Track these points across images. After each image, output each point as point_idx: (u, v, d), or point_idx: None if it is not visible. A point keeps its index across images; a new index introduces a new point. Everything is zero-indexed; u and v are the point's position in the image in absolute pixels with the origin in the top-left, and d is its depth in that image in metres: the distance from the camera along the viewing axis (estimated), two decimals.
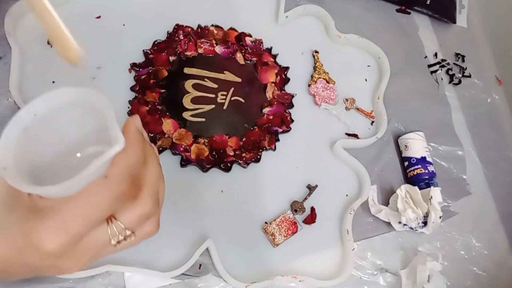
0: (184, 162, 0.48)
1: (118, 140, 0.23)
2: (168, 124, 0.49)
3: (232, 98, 0.52)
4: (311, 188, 0.51)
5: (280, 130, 0.53)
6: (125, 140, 0.24)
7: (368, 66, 0.62)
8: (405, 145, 0.56)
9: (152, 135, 0.48)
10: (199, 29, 0.55)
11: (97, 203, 0.23)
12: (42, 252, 0.22)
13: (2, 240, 0.22)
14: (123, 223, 0.24)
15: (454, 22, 0.72)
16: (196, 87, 0.52)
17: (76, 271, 0.25)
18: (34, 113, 0.25)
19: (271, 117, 0.53)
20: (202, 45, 0.54)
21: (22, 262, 0.23)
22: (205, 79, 0.52)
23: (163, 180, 0.29)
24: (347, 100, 0.58)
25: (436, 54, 0.68)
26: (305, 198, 0.50)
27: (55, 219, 0.22)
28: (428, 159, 0.55)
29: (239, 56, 0.55)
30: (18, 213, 0.23)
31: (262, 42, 0.57)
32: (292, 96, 0.55)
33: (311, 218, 0.49)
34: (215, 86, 0.52)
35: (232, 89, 0.53)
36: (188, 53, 0.53)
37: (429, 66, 0.66)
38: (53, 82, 0.47)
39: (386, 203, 0.53)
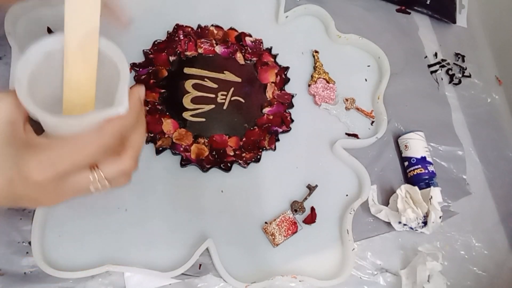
0: (184, 162, 0.48)
1: (123, 103, 0.25)
2: (168, 124, 0.49)
3: (232, 98, 0.53)
4: (311, 188, 0.51)
5: (280, 130, 0.53)
6: (128, 106, 0.26)
7: (368, 66, 0.62)
8: (405, 145, 0.56)
9: (152, 135, 0.48)
10: (199, 29, 0.55)
11: (86, 149, 0.26)
12: (30, 182, 0.25)
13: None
14: (104, 173, 0.28)
15: (454, 22, 0.72)
16: (196, 87, 0.52)
17: (50, 205, 0.28)
18: (58, 42, 0.27)
19: (271, 117, 0.53)
20: (202, 45, 0.54)
21: (10, 191, 0.26)
22: (205, 79, 0.53)
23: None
24: (347, 100, 0.58)
25: (436, 54, 0.68)
26: (305, 198, 0.50)
27: (45, 154, 0.25)
28: (428, 159, 0.55)
29: (239, 56, 0.55)
30: (13, 147, 0.25)
31: (262, 42, 0.57)
32: (292, 96, 0.55)
33: (311, 218, 0.49)
34: (215, 86, 0.52)
35: (232, 89, 0.53)
36: (188, 53, 0.53)
37: (429, 66, 0.66)
38: None
39: (386, 203, 0.53)
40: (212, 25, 0.55)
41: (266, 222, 0.48)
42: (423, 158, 0.54)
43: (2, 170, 0.25)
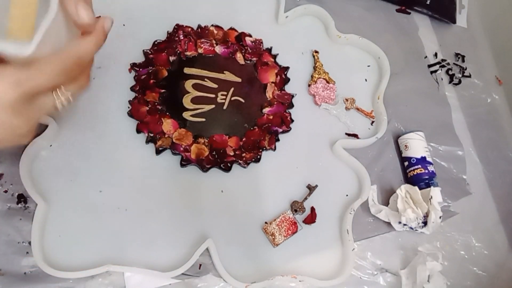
0: (184, 162, 0.48)
1: (53, 8, 0.25)
2: (168, 124, 0.49)
3: (232, 98, 0.53)
4: (311, 188, 0.51)
5: (280, 130, 0.53)
6: (57, 9, 0.26)
7: (368, 66, 0.62)
8: (405, 145, 0.56)
9: (152, 135, 0.48)
10: (199, 29, 0.55)
11: (50, 70, 0.27)
12: (2, 104, 0.26)
13: None
14: (68, 91, 0.30)
15: (454, 22, 0.72)
16: (196, 87, 0.52)
17: (25, 133, 0.29)
18: None
19: (271, 117, 0.53)
20: (202, 45, 0.54)
21: None
22: (205, 79, 0.53)
23: None
24: (347, 100, 0.58)
25: (436, 54, 0.68)
26: (305, 198, 0.50)
27: (11, 76, 0.26)
28: (428, 159, 0.55)
29: (239, 56, 0.55)
30: None
31: (262, 42, 0.57)
32: (292, 96, 0.55)
33: (311, 218, 0.49)
34: (215, 86, 0.52)
35: (232, 89, 0.53)
36: (188, 53, 0.53)
37: (429, 66, 0.66)
38: None
39: (386, 203, 0.53)
40: (212, 25, 0.55)
41: (266, 222, 0.48)
42: (423, 158, 0.54)
43: None
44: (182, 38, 0.53)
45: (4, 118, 0.27)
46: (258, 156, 0.50)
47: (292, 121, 0.54)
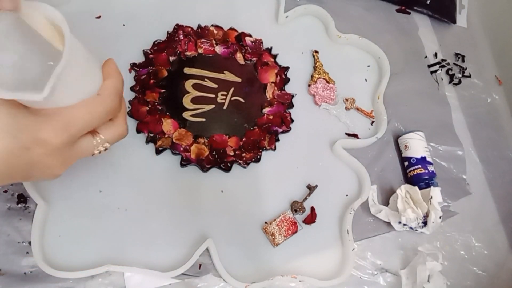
0: (184, 162, 0.48)
1: (64, 56, 0.26)
2: (168, 124, 0.49)
3: (232, 98, 0.53)
4: (311, 188, 0.51)
5: (280, 130, 0.53)
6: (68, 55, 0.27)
7: (368, 66, 0.62)
8: (405, 145, 0.56)
9: (152, 135, 0.48)
10: (199, 29, 0.55)
11: (91, 112, 0.30)
12: (47, 146, 0.28)
13: (13, 142, 0.27)
14: (105, 137, 0.32)
15: (454, 22, 0.72)
16: (196, 87, 0.52)
17: (59, 173, 0.31)
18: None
19: (271, 117, 0.53)
20: (202, 45, 0.54)
21: (25, 159, 0.28)
22: (205, 79, 0.53)
23: None
24: (347, 100, 0.58)
25: (436, 54, 0.68)
26: (305, 198, 0.50)
27: (59, 120, 0.28)
28: (428, 159, 0.55)
29: (239, 56, 0.55)
30: (20, 117, 0.27)
31: (262, 42, 0.57)
32: (292, 96, 0.55)
33: (311, 218, 0.49)
34: (215, 86, 0.52)
35: (232, 89, 0.53)
36: (188, 53, 0.53)
37: (429, 66, 0.66)
38: None
39: (386, 203, 0.53)
40: (212, 25, 0.55)
41: (266, 222, 0.48)
42: (423, 158, 0.54)
43: (18, 139, 0.27)
44: (182, 38, 0.53)
45: (47, 161, 0.29)
46: (258, 156, 0.50)
47: (292, 121, 0.54)
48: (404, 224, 0.50)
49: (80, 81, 0.30)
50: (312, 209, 0.50)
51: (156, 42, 0.52)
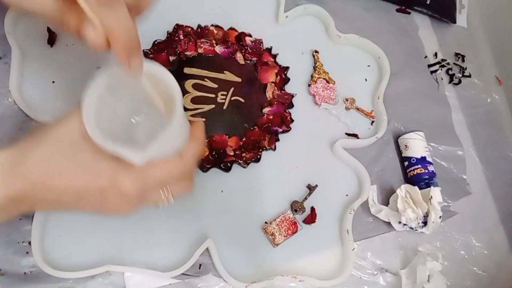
0: None
1: (174, 118, 0.29)
2: None
3: (232, 98, 0.52)
4: (311, 188, 0.51)
5: (280, 130, 0.53)
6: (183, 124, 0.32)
7: (368, 66, 0.62)
8: (405, 145, 0.56)
9: None
10: (199, 29, 0.55)
11: (170, 172, 0.32)
12: (122, 194, 0.30)
13: (93, 181, 0.29)
14: (172, 192, 0.34)
15: (454, 22, 0.72)
16: (196, 87, 0.52)
17: (122, 213, 0.33)
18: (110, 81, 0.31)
19: (271, 117, 0.53)
20: (202, 45, 0.54)
21: (98, 198, 0.30)
22: (205, 79, 0.52)
23: None
24: (347, 100, 0.58)
25: (436, 54, 0.68)
26: (305, 198, 0.50)
27: (139, 173, 0.30)
28: (428, 159, 0.55)
29: (239, 56, 0.55)
30: (106, 162, 0.29)
31: (262, 42, 0.57)
32: (292, 96, 0.55)
33: (311, 218, 0.49)
34: (215, 86, 0.52)
35: (232, 89, 0.53)
36: (188, 53, 0.53)
37: (429, 66, 0.66)
38: (53, 82, 0.47)
39: (386, 203, 0.53)
40: (212, 25, 0.55)
41: (266, 222, 0.48)
42: (423, 158, 0.54)
43: (97, 180, 0.29)
44: (182, 38, 0.53)
45: (116, 204, 0.31)
46: (258, 156, 0.50)
47: (292, 121, 0.54)
48: (404, 224, 0.50)
49: (171, 142, 0.32)
50: (312, 209, 0.50)
51: (156, 42, 0.52)
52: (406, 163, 0.56)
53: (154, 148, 0.29)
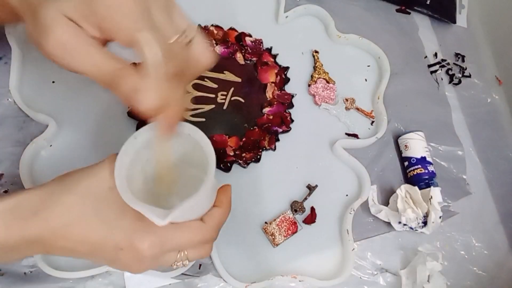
0: None
1: (204, 184, 0.29)
2: None
3: (232, 98, 0.53)
4: (311, 188, 0.51)
5: (280, 130, 0.53)
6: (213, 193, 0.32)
7: (368, 66, 0.62)
8: (405, 145, 0.56)
9: None
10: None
11: (190, 238, 0.31)
12: (138, 255, 0.29)
13: (110, 237, 0.29)
14: (188, 256, 0.32)
15: (454, 22, 0.72)
16: (196, 87, 0.52)
17: (135, 273, 0.32)
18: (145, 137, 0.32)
19: (271, 117, 0.53)
20: None
21: (113, 255, 0.30)
22: (205, 79, 0.53)
23: None
24: (347, 100, 0.58)
25: (436, 54, 0.68)
26: (305, 198, 0.50)
27: (158, 236, 0.29)
28: (428, 159, 0.55)
29: (239, 56, 0.55)
30: (127, 220, 0.29)
31: (262, 42, 0.57)
32: (292, 96, 0.55)
33: (311, 218, 0.49)
34: (215, 86, 0.52)
35: (232, 89, 0.53)
36: None
37: (429, 66, 0.66)
38: (53, 82, 0.47)
39: (386, 203, 0.53)
40: (212, 25, 0.55)
41: (266, 222, 0.48)
42: (423, 158, 0.54)
43: (114, 238, 0.29)
44: None
45: (131, 263, 0.30)
46: (258, 156, 0.50)
47: (292, 121, 0.54)
48: (404, 224, 0.50)
49: (197, 207, 0.32)
50: (312, 209, 0.50)
51: None
52: (406, 163, 0.56)
53: (179, 212, 0.28)
